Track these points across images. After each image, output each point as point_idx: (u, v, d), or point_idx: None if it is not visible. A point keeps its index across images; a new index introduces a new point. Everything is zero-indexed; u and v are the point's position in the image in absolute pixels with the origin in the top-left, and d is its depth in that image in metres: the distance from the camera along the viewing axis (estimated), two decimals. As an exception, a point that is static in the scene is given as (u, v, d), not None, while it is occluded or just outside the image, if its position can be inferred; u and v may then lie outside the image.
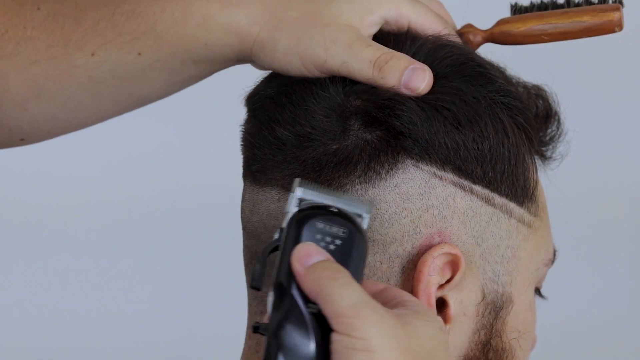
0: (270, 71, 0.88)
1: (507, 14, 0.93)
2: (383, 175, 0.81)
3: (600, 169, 1.84)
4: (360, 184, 0.81)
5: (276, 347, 0.73)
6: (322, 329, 0.73)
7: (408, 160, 0.81)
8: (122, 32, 0.88)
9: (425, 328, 0.73)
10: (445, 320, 0.82)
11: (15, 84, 0.89)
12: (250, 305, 0.87)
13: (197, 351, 1.89)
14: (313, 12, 0.85)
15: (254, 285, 0.76)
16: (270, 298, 0.75)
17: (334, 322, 0.72)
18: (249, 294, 0.88)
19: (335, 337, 0.72)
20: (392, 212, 0.81)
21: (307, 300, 0.73)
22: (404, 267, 0.82)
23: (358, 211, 0.77)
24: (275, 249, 0.76)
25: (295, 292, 0.73)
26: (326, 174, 0.81)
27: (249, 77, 0.89)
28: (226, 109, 0.91)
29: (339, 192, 0.79)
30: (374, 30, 0.86)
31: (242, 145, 0.87)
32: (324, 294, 0.72)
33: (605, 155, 1.84)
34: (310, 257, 0.74)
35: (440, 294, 0.82)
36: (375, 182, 0.81)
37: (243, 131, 0.87)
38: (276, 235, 0.77)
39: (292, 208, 0.77)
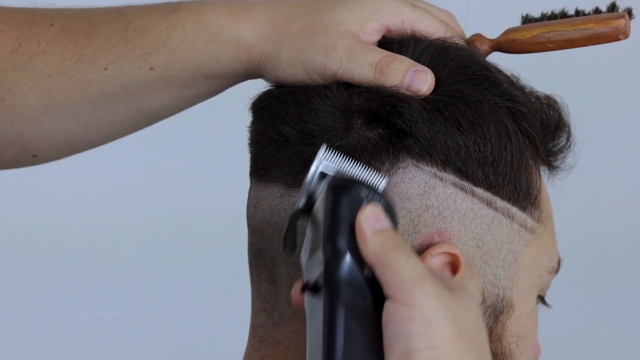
0: None
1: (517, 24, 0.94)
2: (383, 174, 0.82)
3: (609, 180, 1.83)
4: None
5: (336, 296, 0.72)
6: (374, 294, 0.73)
7: (409, 159, 0.82)
8: (135, 47, 0.89)
9: (473, 305, 0.74)
10: None
11: (29, 98, 0.90)
12: (253, 303, 0.88)
13: (200, 349, 1.89)
14: (315, 22, 0.86)
15: (289, 247, 0.76)
16: (315, 257, 0.74)
17: (394, 290, 0.71)
18: (252, 292, 0.88)
19: (391, 306, 0.71)
20: None
21: (361, 263, 0.73)
22: None
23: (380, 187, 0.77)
24: (305, 212, 0.76)
25: (350, 253, 0.73)
26: None
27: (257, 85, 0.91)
28: (234, 112, 0.93)
29: (362, 166, 0.78)
30: (375, 37, 0.87)
31: (249, 144, 0.88)
32: (388, 261, 0.72)
33: (615, 167, 1.84)
34: (379, 222, 0.73)
35: (439, 294, 0.82)
36: None
37: (250, 131, 0.88)
38: (302, 201, 0.77)
39: (314, 177, 0.77)
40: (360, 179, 0.77)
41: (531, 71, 0.92)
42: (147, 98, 0.91)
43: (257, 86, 0.90)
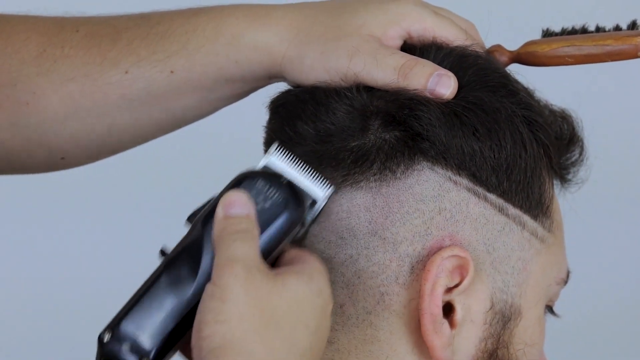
0: None
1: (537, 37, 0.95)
2: (398, 175, 0.83)
3: (621, 193, 1.84)
4: (375, 181, 0.83)
5: (162, 269, 0.77)
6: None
7: (424, 162, 0.83)
8: (156, 50, 0.91)
9: (298, 287, 0.77)
10: (451, 325, 0.83)
11: (53, 101, 0.92)
12: None
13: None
14: (338, 25, 0.87)
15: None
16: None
17: (213, 270, 0.76)
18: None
19: (207, 285, 0.76)
20: (405, 212, 0.83)
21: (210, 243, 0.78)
22: (413, 267, 0.83)
23: (314, 195, 0.81)
24: None
25: (205, 232, 0.78)
26: (343, 169, 0.83)
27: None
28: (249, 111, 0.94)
29: (307, 172, 0.82)
30: (397, 42, 0.88)
31: (264, 143, 0.89)
32: (220, 243, 0.76)
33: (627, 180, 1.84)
34: (232, 207, 0.78)
35: (447, 298, 0.83)
36: (390, 181, 0.83)
37: (266, 130, 0.89)
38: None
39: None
40: (284, 179, 0.80)
41: (547, 86, 0.93)
42: (172, 102, 0.92)
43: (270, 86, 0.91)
